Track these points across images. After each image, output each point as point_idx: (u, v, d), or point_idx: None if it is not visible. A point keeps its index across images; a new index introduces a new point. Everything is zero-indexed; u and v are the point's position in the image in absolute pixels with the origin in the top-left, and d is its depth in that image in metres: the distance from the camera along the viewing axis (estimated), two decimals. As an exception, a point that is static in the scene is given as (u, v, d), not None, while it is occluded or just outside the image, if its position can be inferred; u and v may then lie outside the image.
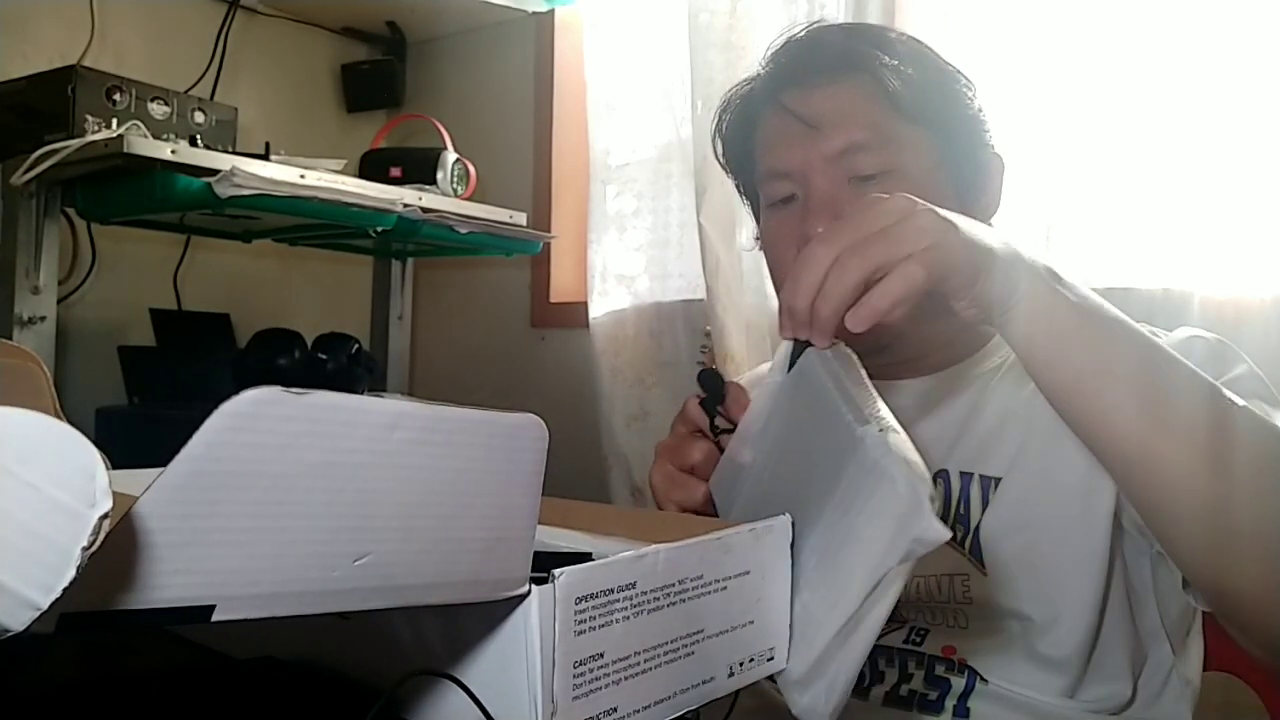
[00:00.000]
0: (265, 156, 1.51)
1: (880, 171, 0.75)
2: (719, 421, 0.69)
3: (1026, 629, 0.72)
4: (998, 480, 0.75)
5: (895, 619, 0.76)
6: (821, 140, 0.76)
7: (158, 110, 1.52)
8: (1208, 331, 0.74)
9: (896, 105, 0.75)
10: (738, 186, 0.91)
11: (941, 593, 0.74)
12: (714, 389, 0.70)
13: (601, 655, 0.42)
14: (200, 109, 1.60)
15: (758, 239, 0.87)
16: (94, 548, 0.25)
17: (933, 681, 0.74)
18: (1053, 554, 0.72)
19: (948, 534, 0.42)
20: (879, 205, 0.57)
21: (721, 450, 0.68)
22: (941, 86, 0.79)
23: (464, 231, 1.70)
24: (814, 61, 0.79)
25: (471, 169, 1.84)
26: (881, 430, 0.47)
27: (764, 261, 0.86)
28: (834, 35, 0.82)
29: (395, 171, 1.78)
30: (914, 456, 0.45)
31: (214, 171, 1.37)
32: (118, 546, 0.28)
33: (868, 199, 0.59)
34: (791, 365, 0.61)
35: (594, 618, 0.42)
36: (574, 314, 1.99)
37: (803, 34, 0.82)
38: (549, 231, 1.99)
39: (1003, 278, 0.58)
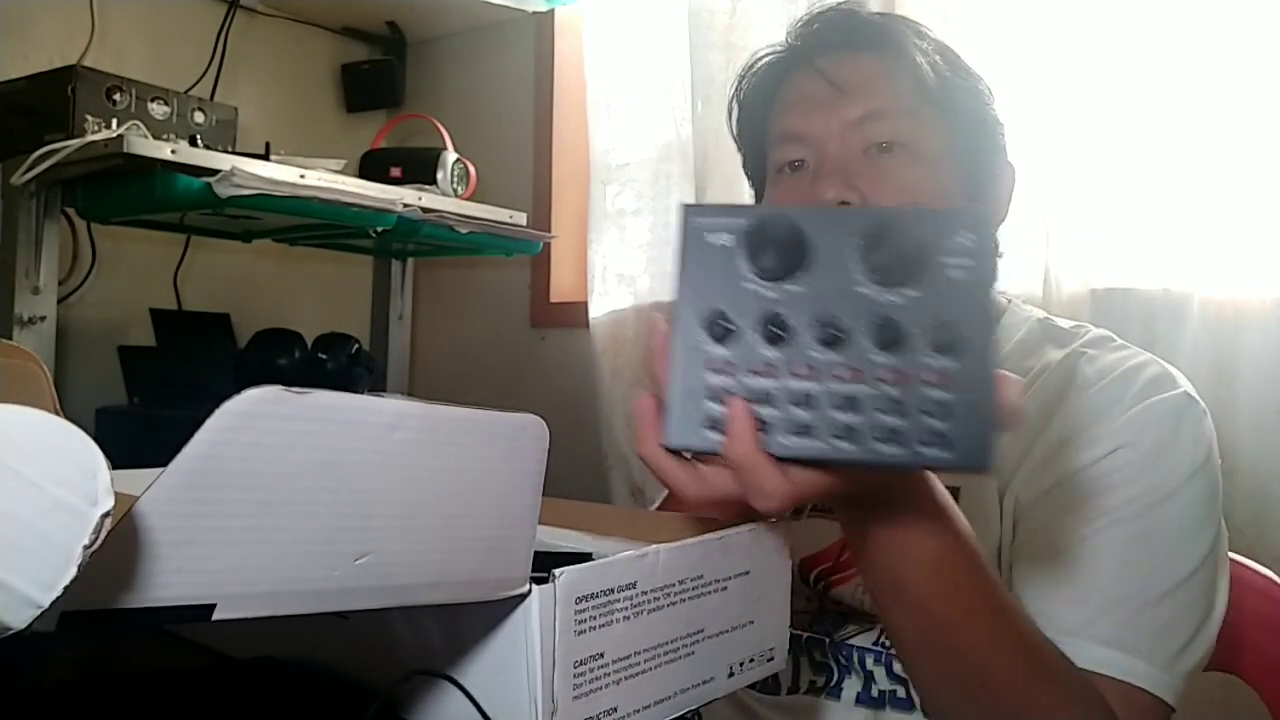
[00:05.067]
0: (265, 156, 1.51)
1: (895, 141, 0.75)
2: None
3: None
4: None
5: (866, 619, 0.76)
6: (845, 105, 0.76)
7: (158, 110, 1.52)
8: (1190, 386, 0.72)
9: (923, 86, 0.75)
10: (744, 160, 0.89)
11: None
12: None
13: (601, 655, 0.42)
14: (200, 109, 1.60)
15: None
16: (95, 546, 0.25)
17: (897, 679, 0.74)
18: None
19: None
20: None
21: None
22: (967, 84, 0.79)
23: (464, 231, 1.70)
24: (850, 32, 0.79)
25: (471, 169, 1.84)
26: None
27: None
28: (870, 13, 0.83)
29: (395, 171, 1.78)
30: None
31: (214, 171, 1.37)
32: (119, 545, 0.28)
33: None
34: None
35: (594, 618, 0.42)
36: (574, 314, 1.99)
37: (838, 5, 0.82)
38: (549, 231, 1.99)
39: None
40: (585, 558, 0.43)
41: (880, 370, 0.41)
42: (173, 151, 1.35)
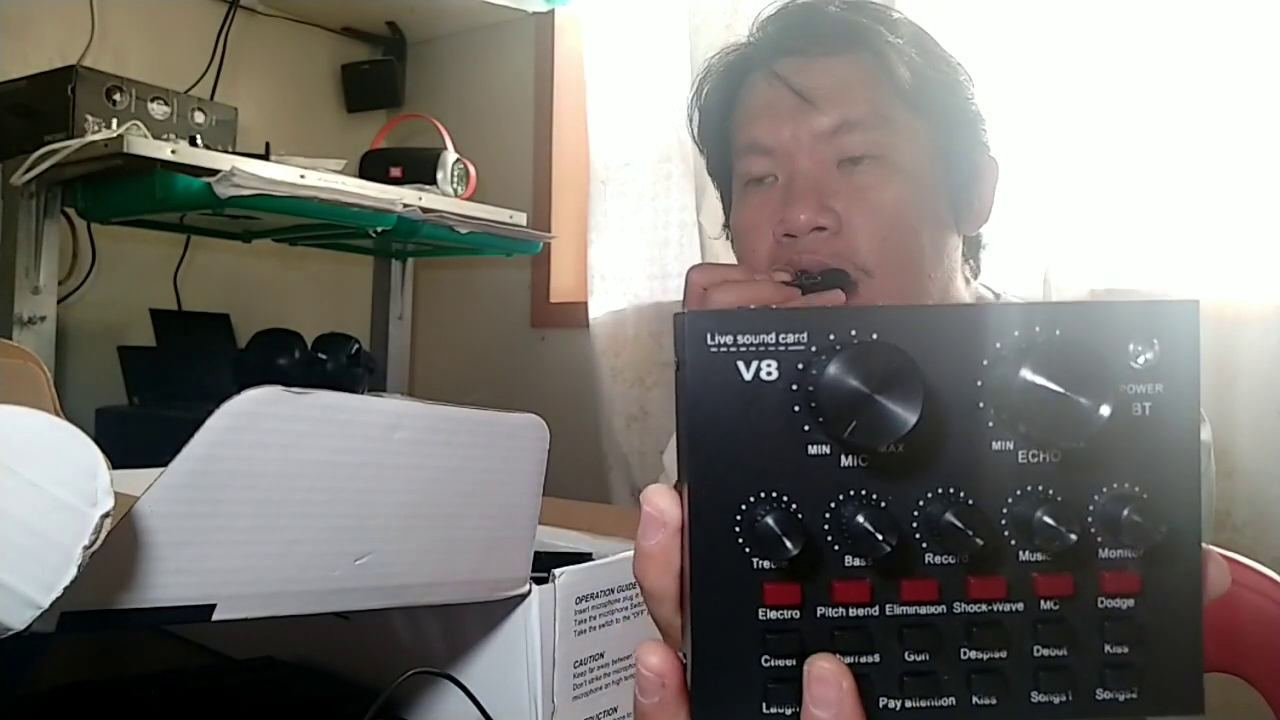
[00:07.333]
0: (265, 156, 1.51)
1: (870, 155, 0.70)
2: None
3: None
4: None
5: None
6: (814, 116, 0.70)
7: (158, 110, 1.52)
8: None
9: (898, 89, 0.70)
10: (708, 165, 0.83)
11: None
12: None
13: (601, 655, 0.42)
14: (200, 109, 1.60)
15: (726, 227, 0.80)
16: (95, 546, 0.25)
17: None
18: None
19: None
20: None
21: None
22: (944, 76, 0.73)
23: (464, 231, 1.70)
24: (814, 31, 0.72)
25: (471, 169, 1.84)
26: None
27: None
28: (835, 6, 0.74)
29: (395, 171, 1.78)
30: None
31: (214, 171, 1.37)
32: (119, 545, 0.28)
33: None
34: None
35: (594, 618, 0.42)
36: (574, 314, 1.99)
37: (801, 1, 0.75)
38: (549, 231, 1.99)
39: None
40: (585, 558, 0.43)
41: (1034, 577, 0.27)
42: (173, 151, 1.35)
